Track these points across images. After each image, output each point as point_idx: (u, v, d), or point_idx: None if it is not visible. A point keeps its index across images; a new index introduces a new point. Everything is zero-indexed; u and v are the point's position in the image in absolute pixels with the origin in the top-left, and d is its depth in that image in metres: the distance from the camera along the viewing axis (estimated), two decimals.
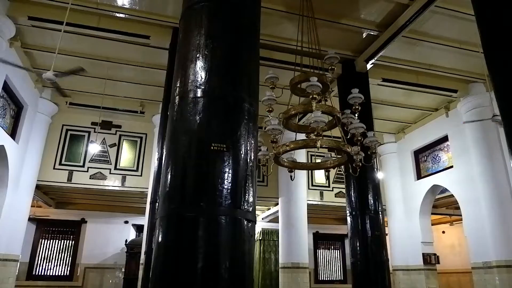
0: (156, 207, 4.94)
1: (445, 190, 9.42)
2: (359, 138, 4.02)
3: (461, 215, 8.64)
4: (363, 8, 6.07)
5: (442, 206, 11.51)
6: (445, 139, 9.33)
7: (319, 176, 10.81)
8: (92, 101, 9.08)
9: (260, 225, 12.64)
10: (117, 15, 6.18)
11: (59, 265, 11.26)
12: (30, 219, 9.43)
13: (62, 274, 11.20)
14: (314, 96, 3.82)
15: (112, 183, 9.41)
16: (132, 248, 10.53)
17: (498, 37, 3.94)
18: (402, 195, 10.55)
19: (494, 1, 4.05)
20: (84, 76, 7.87)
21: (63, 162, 9.23)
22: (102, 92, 8.53)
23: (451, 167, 9.01)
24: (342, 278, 13.31)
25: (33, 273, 10.95)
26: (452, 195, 9.06)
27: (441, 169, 9.44)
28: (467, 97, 8.19)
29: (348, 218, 6.46)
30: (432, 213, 10.32)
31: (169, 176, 2.42)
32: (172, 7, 5.99)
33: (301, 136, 4.44)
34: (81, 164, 9.31)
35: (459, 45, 6.83)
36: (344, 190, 7.20)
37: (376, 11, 6.13)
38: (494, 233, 7.31)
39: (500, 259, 7.13)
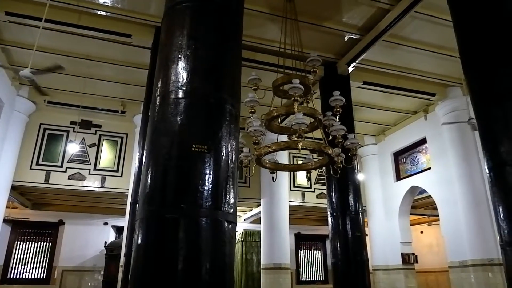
0: (137, 209, 4.87)
1: (423, 191, 9.64)
2: (340, 140, 4.08)
3: (438, 216, 8.85)
4: (345, 12, 6.15)
5: (421, 206, 11.78)
6: (423, 141, 9.55)
7: (301, 177, 10.90)
8: (72, 99, 8.89)
9: (242, 226, 12.63)
10: (99, 12, 6.07)
11: (35, 268, 10.95)
12: (5, 221, 9.14)
13: (38, 277, 10.89)
14: (296, 98, 3.85)
15: (92, 183, 9.23)
16: (111, 250, 10.34)
17: (474, 43, 4.07)
18: (382, 196, 10.73)
19: (470, 8, 4.18)
20: (63, 74, 7.71)
21: (40, 162, 9.00)
22: (82, 91, 8.36)
23: (429, 168, 9.23)
24: (323, 279, 13.43)
25: (8, 276, 10.61)
26: (430, 196, 9.28)
27: (419, 170, 9.65)
28: (444, 100, 8.41)
29: (329, 219, 6.53)
30: (410, 214, 10.54)
31: (149, 177, 2.40)
32: (155, 6, 5.93)
33: (283, 138, 4.47)
34: (59, 164, 9.10)
35: (438, 50, 7.00)
36: (325, 191, 7.27)
37: (358, 15, 6.22)
38: (470, 233, 7.52)
39: (475, 258, 7.33)
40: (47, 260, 11.07)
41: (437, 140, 8.87)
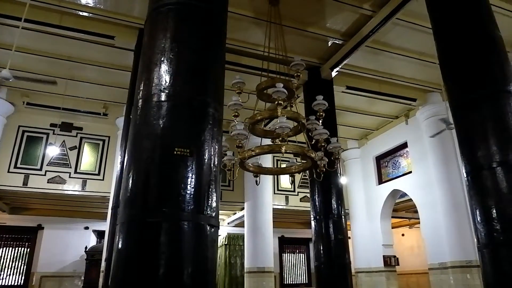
0: (118, 213, 4.80)
1: (404, 194, 9.82)
2: (323, 144, 4.12)
3: (419, 219, 9.02)
4: (329, 17, 6.23)
5: (402, 210, 11.97)
6: (404, 145, 9.73)
7: (285, 180, 10.94)
8: (52, 101, 8.70)
9: (226, 230, 12.58)
10: (81, 13, 5.98)
11: (13, 274, 10.63)
12: None
13: (15, 283, 10.57)
14: (280, 102, 3.88)
15: (72, 187, 9.04)
16: (92, 255, 10.14)
17: (452, 51, 4.18)
18: (364, 199, 10.86)
19: (449, 17, 4.30)
20: (44, 76, 7.56)
21: (18, 165, 8.77)
22: (63, 93, 8.19)
23: (410, 172, 9.40)
24: (306, 282, 13.48)
25: None
26: (411, 199, 9.44)
27: (401, 174, 9.82)
28: (425, 105, 8.59)
29: (312, 222, 6.57)
30: (392, 217, 10.70)
31: (130, 181, 2.37)
32: (139, 7, 5.88)
33: (267, 141, 4.49)
34: (38, 167, 8.89)
35: (418, 56, 7.16)
36: (309, 195, 7.32)
37: (341, 21, 6.31)
38: (449, 235, 7.69)
39: (454, 260, 7.50)
40: (25, 266, 10.77)
41: (418, 144, 9.05)
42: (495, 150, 3.52)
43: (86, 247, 10.64)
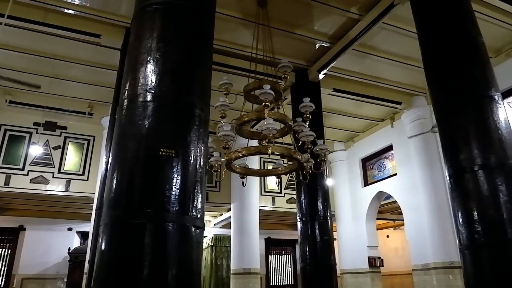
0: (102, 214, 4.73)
1: (389, 196, 9.93)
2: (309, 146, 4.14)
3: (403, 220, 9.14)
4: (317, 20, 6.27)
5: (387, 211, 12.11)
6: (390, 148, 9.85)
7: (272, 182, 10.96)
8: (36, 100, 8.53)
9: (212, 231, 12.53)
10: (66, 11, 5.87)
11: None
12: None
13: None
14: (267, 103, 3.89)
15: (55, 187, 8.88)
16: (76, 256, 9.98)
17: (436, 55, 4.26)
18: (350, 201, 10.95)
19: (434, 22, 4.38)
20: (27, 74, 7.44)
21: (0, 164, 8.57)
22: (47, 91, 8.05)
23: (395, 174, 9.53)
24: (292, 283, 13.52)
25: None
26: (395, 201, 9.56)
27: (386, 176, 9.94)
28: (410, 109, 8.72)
29: (299, 224, 6.59)
30: (377, 218, 10.82)
31: (114, 181, 2.34)
32: (126, 6, 5.81)
33: (254, 143, 4.49)
34: (20, 167, 8.70)
35: (404, 60, 7.27)
36: (295, 196, 7.35)
37: (329, 24, 6.36)
38: (432, 237, 7.81)
39: (437, 261, 7.62)
40: (6, 268, 10.52)
41: (403, 147, 9.18)
42: (477, 153, 3.60)
43: (69, 249, 10.47)
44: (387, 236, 14.90)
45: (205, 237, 12.10)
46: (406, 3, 5.12)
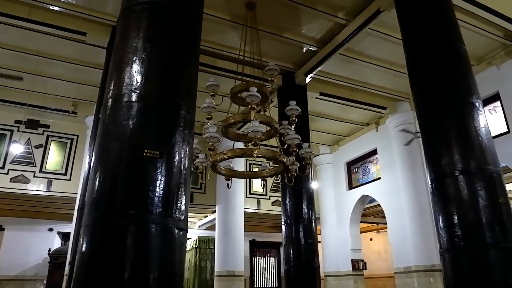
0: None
1: (373, 200, 10.06)
2: (295, 149, 4.16)
3: (387, 224, 9.26)
4: (304, 24, 6.32)
5: (370, 215, 12.26)
6: (374, 152, 9.98)
7: (257, 184, 10.97)
8: (18, 97, 8.33)
9: (197, 233, 12.46)
10: (51, 7, 5.77)
11: None
12: None
13: None
14: (254, 106, 3.89)
15: (37, 187, 8.70)
16: (56, 258, 9.80)
17: (420, 62, 4.34)
18: (335, 204, 11.04)
19: (418, 30, 4.46)
20: (10, 70, 7.28)
21: None
22: (29, 89, 7.88)
23: (379, 178, 9.65)
24: (276, 285, 13.54)
25: None
26: (379, 205, 9.69)
27: (370, 180, 10.06)
28: (394, 114, 8.86)
29: (283, 226, 6.61)
30: (361, 222, 10.93)
31: (97, 182, 2.31)
32: (113, 4, 5.75)
33: (240, 145, 4.49)
34: (0, 165, 8.49)
35: (389, 66, 7.38)
36: (280, 199, 7.36)
37: (316, 28, 6.42)
38: (414, 240, 7.94)
39: (419, 264, 7.75)
40: None
41: (387, 151, 9.31)
42: (458, 159, 3.67)
43: (49, 250, 10.27)
44: (371, 239, 15.06)
45: (189, 239, 12.02)
46: (392, 10, 5.20)
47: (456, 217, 3.56)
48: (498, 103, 7.11)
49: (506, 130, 6.86)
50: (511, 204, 3.63)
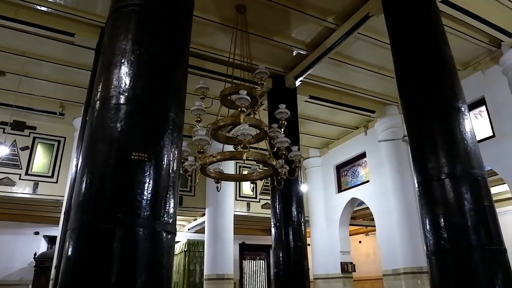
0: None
1: (362, 202, 10.13)
2: (284, 152, 4.17)
3: (375, 226, 9.33)
4: (294, 27, 6.35)
5: (359, 217, 12.34)
6: (363, 155, 10.06)
7: (247, 187, 10.95)
8: (3, 98, 8.18)
9: (186, 236, 12.38)
10: (39, 7, 5.70)
11: None
12: None
13: None
14: (243, 109, 3.89)
15: (22, 189, 8.54)
16: (42, 262, 9.61)
17: (408, 67, 4.40)
18: (324, 207, 11.08)
19: (406, 35, 4.53)
20: None
21: None
22: (16, 90, 7.75)
23: (368, 181, 9.73)
24: None
25: None
26: (368, 208, 9.76)
27: (359, 183, 10.14)
28: (383, 117, 8.96)
29: (273, 229, 6.61)
30: (350, 224, 11.00)
31: (83, 185, 2.28)
32: (102, 5, 5.69)
33: (229, 148, 4.48)
34: None
35: (377, 70, 7.47)
36: (270, 202, 7.37)
37: (306, 32, 6.46)
38: (402, 243, 8.02)
39: (406, 266, 7.83)
40: None
41: (375, 154, 9.39)
42: (444, 162, 3.73)
43: (35, 254, 10.07)
44: (359, 242, 15.15)
45: (178, 242, 11.93)
46: (381, 15, 5.27)
47: (442, 220, 3.61)
48: (483, 108, 7.25)
49: (491, 134, 6.99)
50: (495, 207, 3.70)
